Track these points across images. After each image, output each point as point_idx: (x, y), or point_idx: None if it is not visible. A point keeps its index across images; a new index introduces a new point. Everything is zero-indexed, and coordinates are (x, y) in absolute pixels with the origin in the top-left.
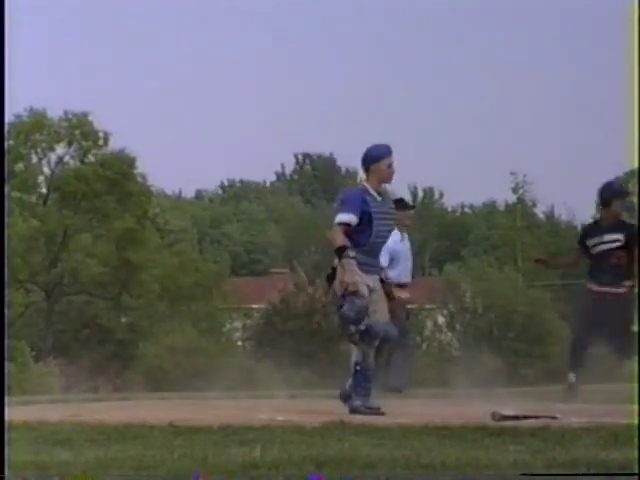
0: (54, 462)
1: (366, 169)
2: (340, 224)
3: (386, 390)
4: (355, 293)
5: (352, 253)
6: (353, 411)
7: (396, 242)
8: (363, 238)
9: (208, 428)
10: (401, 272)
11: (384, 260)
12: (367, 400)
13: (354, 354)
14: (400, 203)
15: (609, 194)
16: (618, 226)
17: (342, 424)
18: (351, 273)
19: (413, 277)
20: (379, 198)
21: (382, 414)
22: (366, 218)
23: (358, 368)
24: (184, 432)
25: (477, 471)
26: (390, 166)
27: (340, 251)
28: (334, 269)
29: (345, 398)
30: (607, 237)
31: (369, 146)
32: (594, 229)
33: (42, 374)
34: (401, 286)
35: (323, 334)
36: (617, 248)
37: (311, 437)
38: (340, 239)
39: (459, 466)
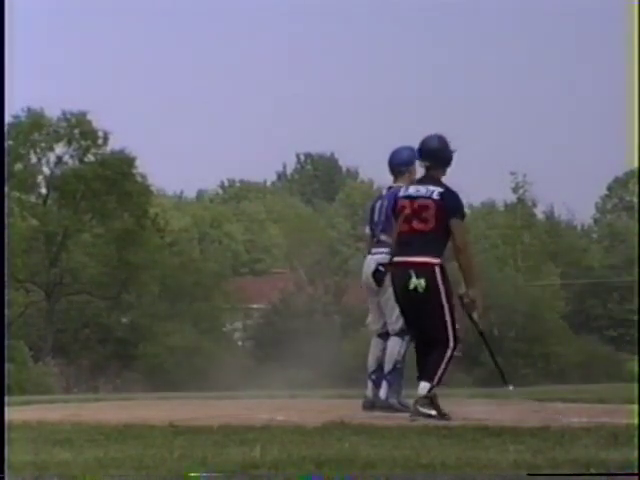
0: (54, 462)
1: (401, 171)
2: None
3: None
4: None
5: None
6: (389, 407)
7: None
8: None
9: (208, 428)
10: None
11: None
12: (400, 397)
13: (396, 353)
14: None
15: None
16: None
17: (342, 424)
18: None
19: None
20: None
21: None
22: None
23: (399, 367)
24: (184, 432)
25: (477, 471)
26: None
27: None
28: (384, 265)
29: (373, 405)
30: None
31: (402, 148)
32: None
33: (41, 374)
34: None
35: (323, 334)
36: None
37: (311, 437)
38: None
39: (459, 466)
